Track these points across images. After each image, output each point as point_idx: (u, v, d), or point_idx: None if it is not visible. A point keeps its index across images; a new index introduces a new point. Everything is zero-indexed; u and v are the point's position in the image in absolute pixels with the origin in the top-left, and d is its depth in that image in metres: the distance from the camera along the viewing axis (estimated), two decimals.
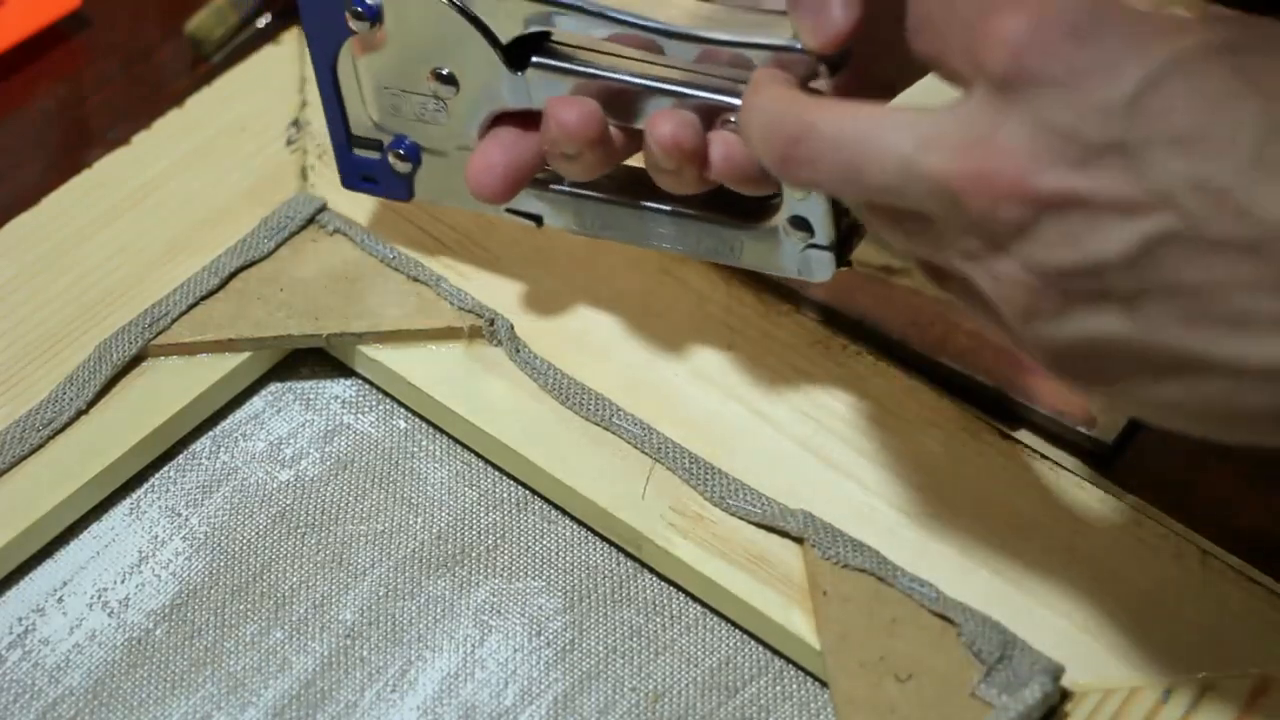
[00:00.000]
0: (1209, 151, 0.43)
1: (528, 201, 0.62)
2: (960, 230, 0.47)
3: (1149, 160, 0.43)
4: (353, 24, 0.60)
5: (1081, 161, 0.44)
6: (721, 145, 0.57)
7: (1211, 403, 0.45)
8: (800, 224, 0.57)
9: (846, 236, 0.58)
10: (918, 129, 0.47)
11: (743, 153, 0.56)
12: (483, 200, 0.61)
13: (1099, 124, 0.44)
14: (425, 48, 0.60)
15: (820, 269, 0.59)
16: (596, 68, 0.58)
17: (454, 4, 0.58)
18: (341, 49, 0.61)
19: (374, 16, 0.59)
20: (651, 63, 0.58)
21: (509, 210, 0.63)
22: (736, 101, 0.56)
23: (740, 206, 0.60)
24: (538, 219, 0.63)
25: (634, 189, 0.61)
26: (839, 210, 0.57)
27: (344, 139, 0.63)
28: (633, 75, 0.58)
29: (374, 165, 0.64)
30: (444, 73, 0.60)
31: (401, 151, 0.63)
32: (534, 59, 0.59)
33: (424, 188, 0.64)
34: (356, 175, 0.64)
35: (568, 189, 0.62)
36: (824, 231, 0.57)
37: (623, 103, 0.58)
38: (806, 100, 0.51)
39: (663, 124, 0.56)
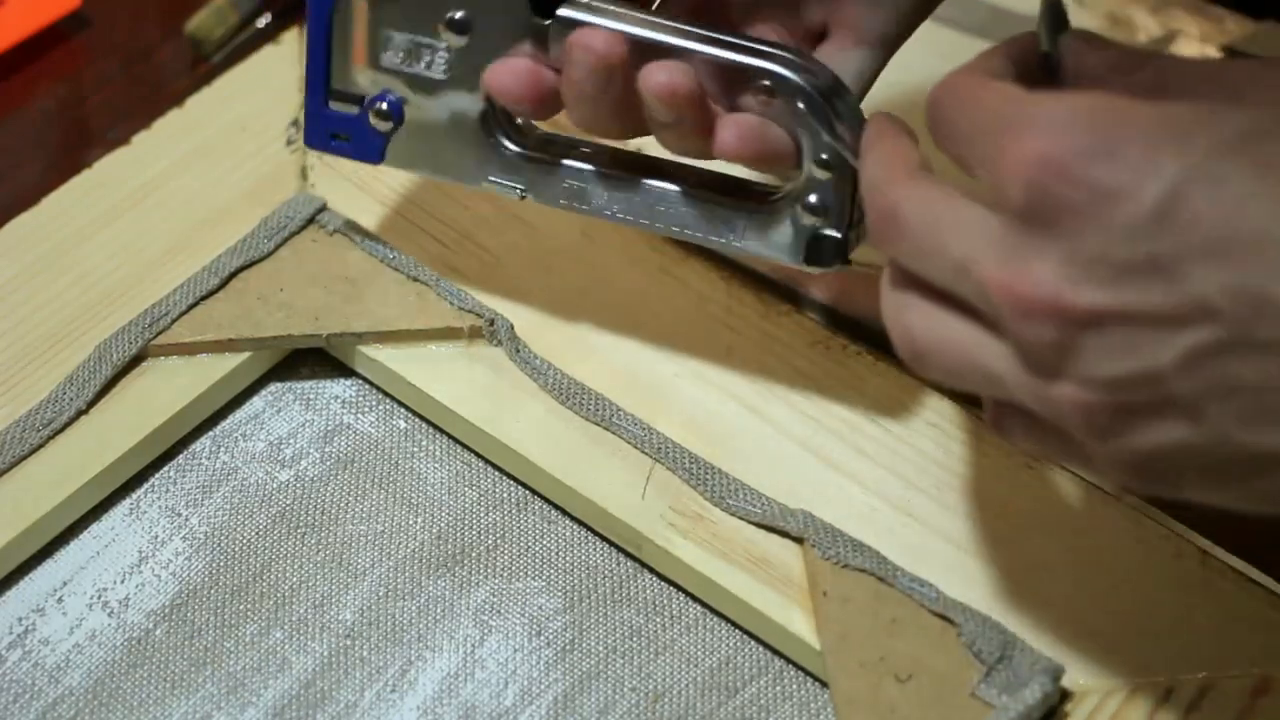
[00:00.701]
0: (1242, 255, 0.42)
1: (514, 173, 0.60)
2: (1014, 342, 0.46)
3: (1183, 272, 0.43)
4: None
5: (1115, 280, 0.43)
6: (734, 126, 0.56)
7: None
8: (818, 209, 0.57)
9: (854, 225, 0.57)
10: (975, 231, 0.47)
11: (760, 133, 0.56)
12: (506, 98, 0.58)
13: (1127, 244, 0.43)
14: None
15: (828, 256, 0.58)
16: (624, 22, 0.56)
17: None
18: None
19: None
20: (680, 27, 0.56)
21: (491, 180, 0.60)
22: (761, 64, 0.55)
23: (746, 190, 0.59)
24: (521, 191, 0.61)
25: (634, 167, 0.60)
26: (855, 201, 0.56)
27: (321, 90, 0.60)
28: (658, 33, 0.56)
29: (349, 122, 0.60)
30: (457, 17, 0.57)
31: (384, 108, 0.60)
32: (560, 11, 0.56)
33: (399, 152, 0.61)
34: (326, 132, 0.61)
35: (565, 161, 0.60)
36: (840, 219, 0.57)
37: (646, 61, 0.56)
38: (897, 175, 0.50)
39: (657, 72, 0.55)
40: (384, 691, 0.58)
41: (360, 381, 0.66)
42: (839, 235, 0.57)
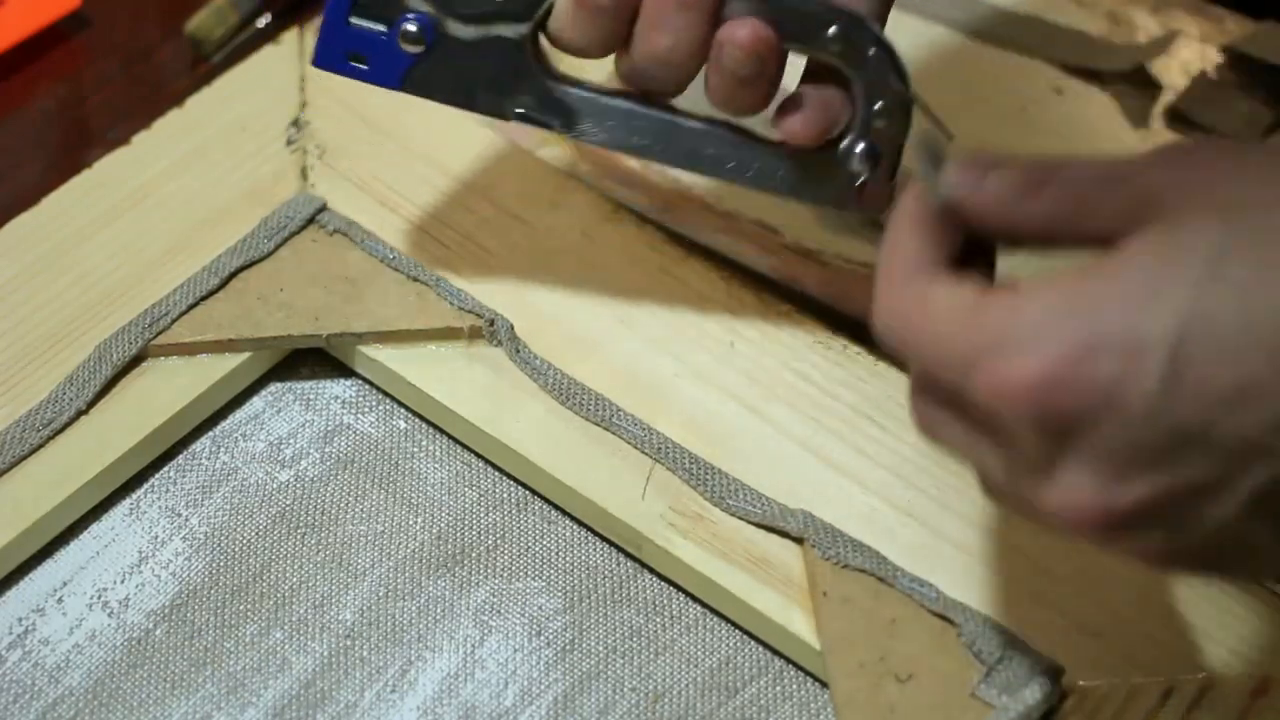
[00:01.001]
0: (1263, 390, 0.41)
1: (548, 109, 0.57)
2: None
3: (1216, 431, 0.42)
4: None
5: (1153, 465, 0.42)
6: (800, 113, 0.56)
7: None
8: (872, 156, 0.56)
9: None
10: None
11: (823, 115, 0.56)
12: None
13: (1150, 428, 0.42)
14: None
15: (877, 201, 0.57)
16: None
17: None
18: None
19: None
20: None
21: (521, 113, 0.57)
22: (836, 10, 0.55)
23: None
24: (549, 125, 0.58)
25: (672, 108, 0.58)
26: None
27: (344, 4, 0.55)
28: None
29: (370, 41, 0.55)
30: None
31: (416, 29, 0.55)
32: None
33: (420, 78, 0.57)
34: (342, 52, 0.56)
35: (604, 99, 0.58)
36: (892, 166, 0.56)
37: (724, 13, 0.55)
38: (914, 288, 0.47)
39: (739, 28, 0.55)
40: (384, 692, 0.58)
41: (360, 381, 0.66)
42: (889, 181, 0.56)
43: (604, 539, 0.61)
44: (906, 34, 0.77)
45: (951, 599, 0.57)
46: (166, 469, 0.63)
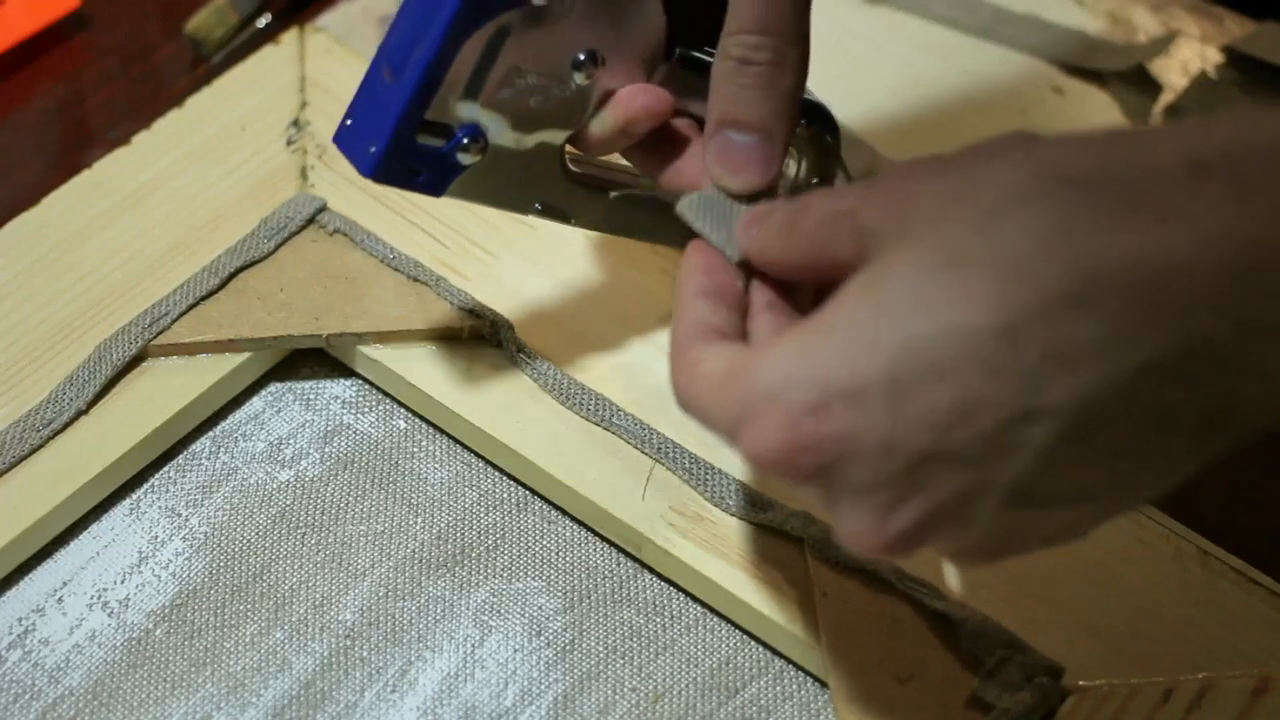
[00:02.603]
0: (981, 400, 0.43)
1: (563, 200, 0.59)
2: None
3: (950, 447, 0.44)
4: None
5: (911, 489, 0.45)
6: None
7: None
8: None
9: None
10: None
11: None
12: (747, 188, 0.56)
13: (892, 460, 0.44)
14: (592, 23, 0.55)
15: None
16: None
17: None
18: (493, 20, 0.54)
19: None
20: None
21: (538, 210, 0.59)
22: (813, 100, 0.58)
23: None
24: (564, 219, 0.60)
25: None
26: None
27: (413, 124, 0.55)
28: None
29: (428, 155, 0.56)
30: (590, 54, 0.56)
31: (475, 142, 0.56)
32: (680, 50, 0.57)
33: (463, 184, 0.58)
34: (402, 165, 0.56)
35: (608, 189, 0.60)
36: None
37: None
38: (682, 349, 0.51)
39: (635, 95, 0.57)
40: (384, 692, 0.58)
41: (360, 381, 0.66)
42: None
43: (604, 539, 0.61)
44: (907, 34, 0.77)
45: (951, 599, 0.57)
46: (166, 469, 0.63)
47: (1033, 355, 0.43)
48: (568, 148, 0.58)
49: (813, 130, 0.59)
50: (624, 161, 0.60)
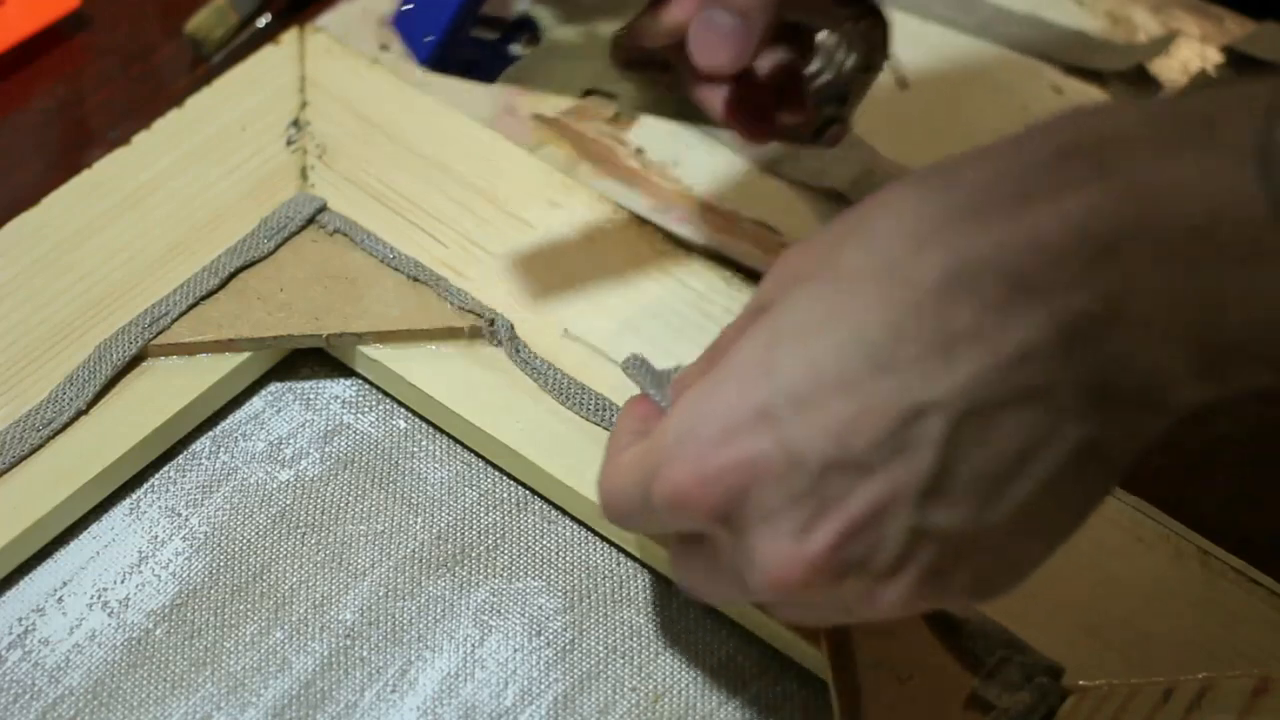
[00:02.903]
0: (874, 404, 0.45)
1: (614, 84, 0.61)
2: (825, 600, 0.49)
3: (853, 455, 0.45)
4: None
5: (824, 504, 0.45)
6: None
7: None
8: (843, 102, 0.62)
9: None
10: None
11: None
12: (712, 67, 0.57)
13: (801, 473, 0.45)
14: None
15: (835, 137, 0.62)
16: None
17: None
18: None
19: None
20: None
21: (593, 90, 0.60)
22: None
23: None
24: (611, 97, 0.61)
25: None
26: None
27: (469, 17, 0.57)
28: None
29: (482, 46, 0.57)
30: None
31: (529, 33, 0.58)
32: None
33: (518, 71, 0.59)
34: (456, 56, 0.57)
35: (653, 75, 0.61)
36: (854, 108, 0.62)
37: None
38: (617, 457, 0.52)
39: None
40: (384, 691, 0.58)
41: (360, 381, 0.66)
42: (847, 120, 0.62)
43: (604, 539, 0.61)
44: (907, 34, 0.77)
45: None
46: (166, 469, 0.63)
47: (916, 349, 0.44)
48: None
49: (863, 24, 0.59)
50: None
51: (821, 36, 0.61)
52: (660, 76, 0.61)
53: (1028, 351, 0.44)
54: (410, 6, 0.57)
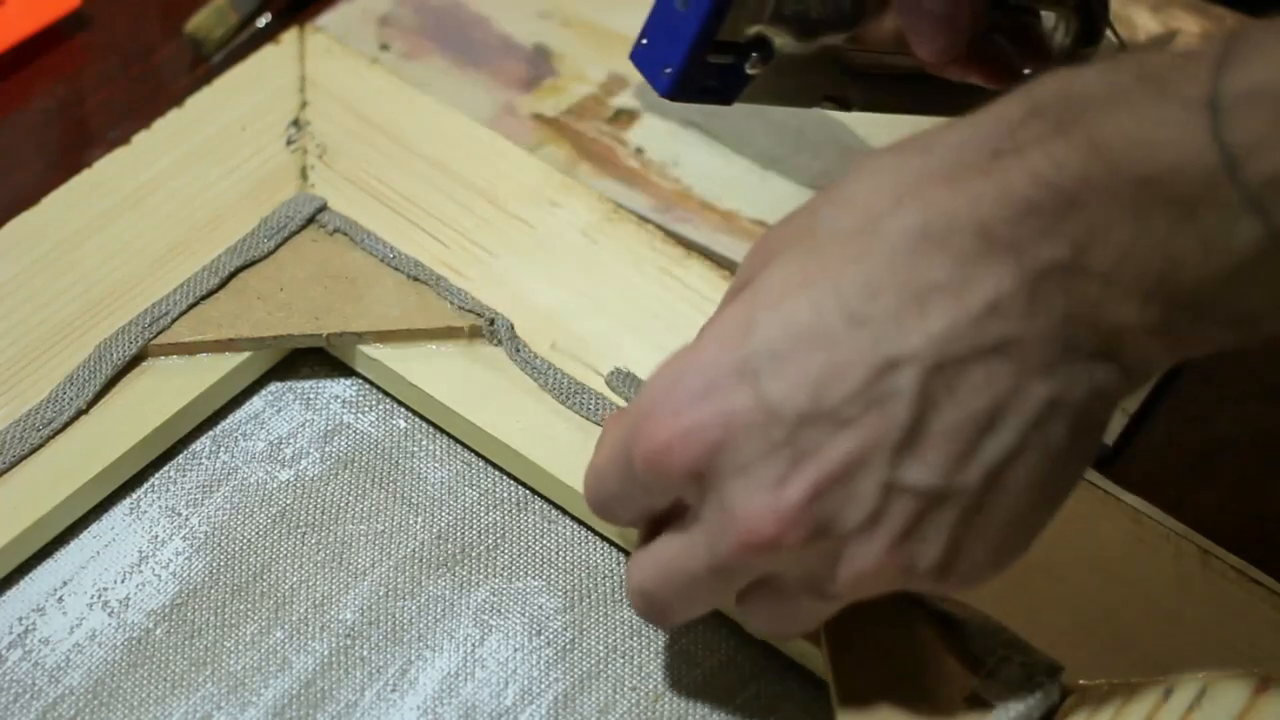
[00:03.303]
0: (844, 358, 0.46)
1: (842, 89, 0.62)
2: (794, 576, 0.50)
3: (828, 404, 0.46)
4: None
5: (799, 455, 0.46)
6: None
7: None
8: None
9: None
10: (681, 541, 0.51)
11: None
12: (928, 56, 0.59)
13: (776, 425, 0.46)
14: None
15: None
16: None
17: None
18: None
19: None
20: None
21: (826, 98, 0.61)
22: None
23: None
24: (848, 104, 0.62)
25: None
26: None
27: (705, 46, 0.58)
28: None
29: (718, 71, 0.59)
30: None
31: (755, 56, 0.59)
32: None
33: (751, 91, 0.60)
34: (694, 84, 0.59)
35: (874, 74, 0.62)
36: None
37: None
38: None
39: None
40: (384, 691, 0.58)
41: (360, 381, 0.66)
42: None
43: (604, 538, 0.61)
44: None
45: (952, 598, 0.57)
46: (167, 468, 0.63)
47: (890, 303, 0.46)
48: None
49: (1074, 18, 0.61)
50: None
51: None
52: (888, 74, 0.62)
53: (997, 303, 0.45)
54: (646, 41, 0.59)
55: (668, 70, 0.58)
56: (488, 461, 0.63)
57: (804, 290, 0.47)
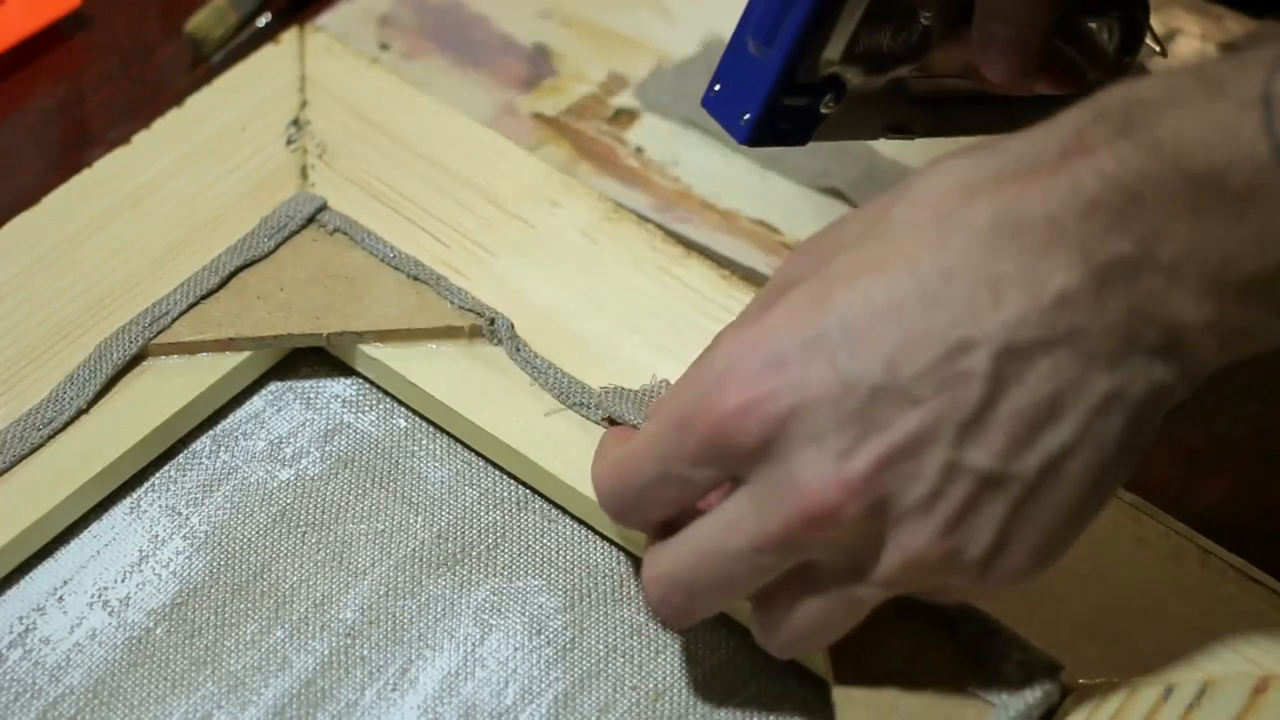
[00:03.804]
0: (922, 332, 0.47)
1: (908, 120, 0.62)
2: (835, 562, 0.50)
3: (901, 378, 0.48)
4: None
5: (866, 429, 0.48)
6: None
7: None
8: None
9: None
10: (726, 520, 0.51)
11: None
12: (1000, 78, 0.59)
13: (849, 396, 0.48)
14: None
15: None
16: None
17: None
18: None
19: None
20: None
21: (887, 132, 0.62)
22: None
23: None
24: (912, 135, 0.62)
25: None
26: None
27: (783, 91, 0.57)
28: None
29: (797, 113, 0.58)
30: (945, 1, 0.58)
31: (830, 96, 0.58)
32: None
33: (825, 128, 0.60)
34: (771, 128, 0.58)
35: (942, 100, 0.62)
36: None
37: None
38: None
39: None
40: (384, 690, 0.58)
41: (360, 380, 0.66)
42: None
43: (604, 538, 0.61)
44: None
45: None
46: (167, 468, 0.63)
47: (965, 288, 0.47)
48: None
49: (1123, 7, 0.61)
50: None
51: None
52: (951, 98, 0.62)
53: (1065, 295, 0.47)
54: (719, 88, 0.58)
55: (746, 117, 0.58)
56: (488, 461, 0.63)
57: (880, 272, 0.48)
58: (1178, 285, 0.47)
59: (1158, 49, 0.63)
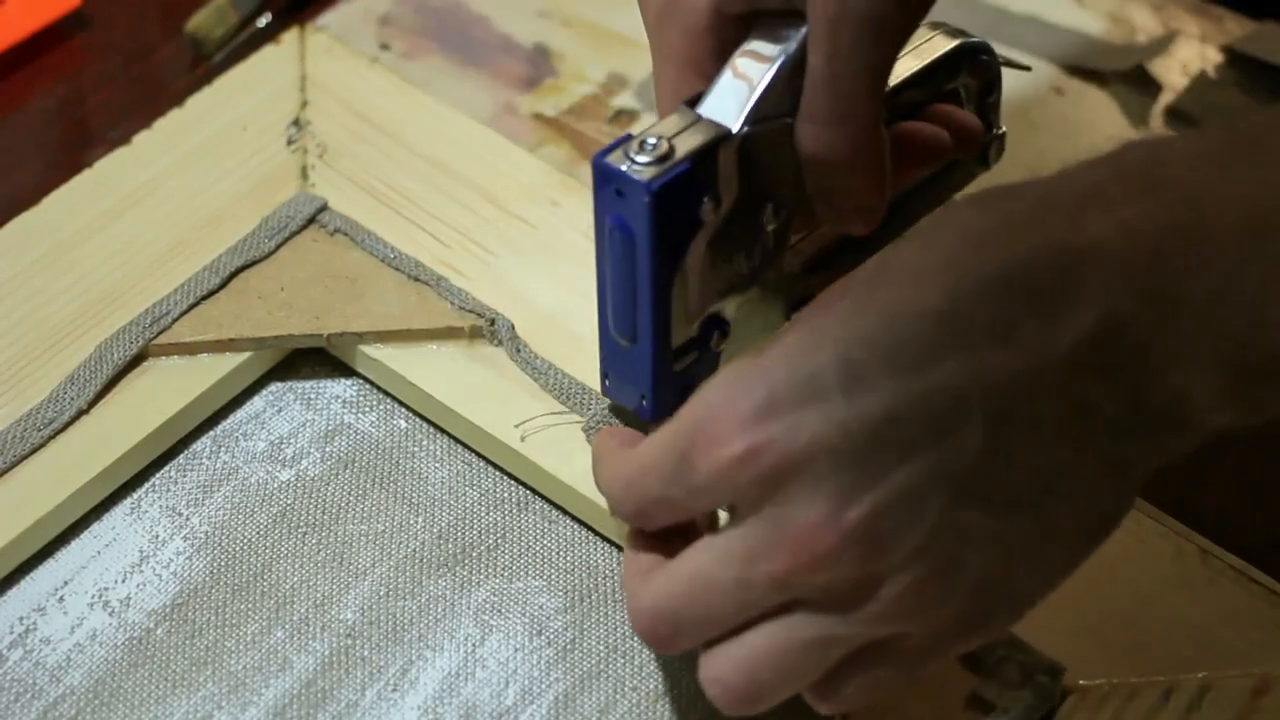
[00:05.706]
0: (930, 359, 0.46)
1: (778, 296, 0.60)
2: (820, 603, 0.48)
3: (902, 417, 0.46)
4: (707, 214, 0.54)
5: (865, 475, 0.46)
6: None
7: None
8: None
9: None
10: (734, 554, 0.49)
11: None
12: (864, 229, 0.57)
13: (847, 437, 0.46)
14: (770, 181, 0.55)
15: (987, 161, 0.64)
16: None
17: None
18: (689, 248, 0.54)
19: (716, 193, 0.54)
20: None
21: (800, 302, 0.59)
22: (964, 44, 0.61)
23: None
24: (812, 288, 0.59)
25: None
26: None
27: (667, 364, 0.57)
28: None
29: (693, 368, 0.57)
30: (774, 206, 0.56)
31: (716, 335, 0.57)
32: None
33: (736, 343, 0.59)
34: (673, 388, 0.57)
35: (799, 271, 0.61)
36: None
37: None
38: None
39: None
40: (385, 691, 0.58)
41: (361, 381, 0.66)
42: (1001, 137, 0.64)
43: (604, 538, 0.61)
44: None
45: None
46: (167, 468, 0.63)
47: (972, 338, 0.45)
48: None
49: (971, 80, 0.62)
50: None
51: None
52: (839, 246, 0.61)
53: (1074, 358, 0.45)
54: (609, 382, 0.59)
55: (645, 400, 0.58)
56: (488, 461, 0.63)
57: (885, 315, 0.46)
58: (1193, 352, 0.45)
59: (1025, 68, 0.64)
